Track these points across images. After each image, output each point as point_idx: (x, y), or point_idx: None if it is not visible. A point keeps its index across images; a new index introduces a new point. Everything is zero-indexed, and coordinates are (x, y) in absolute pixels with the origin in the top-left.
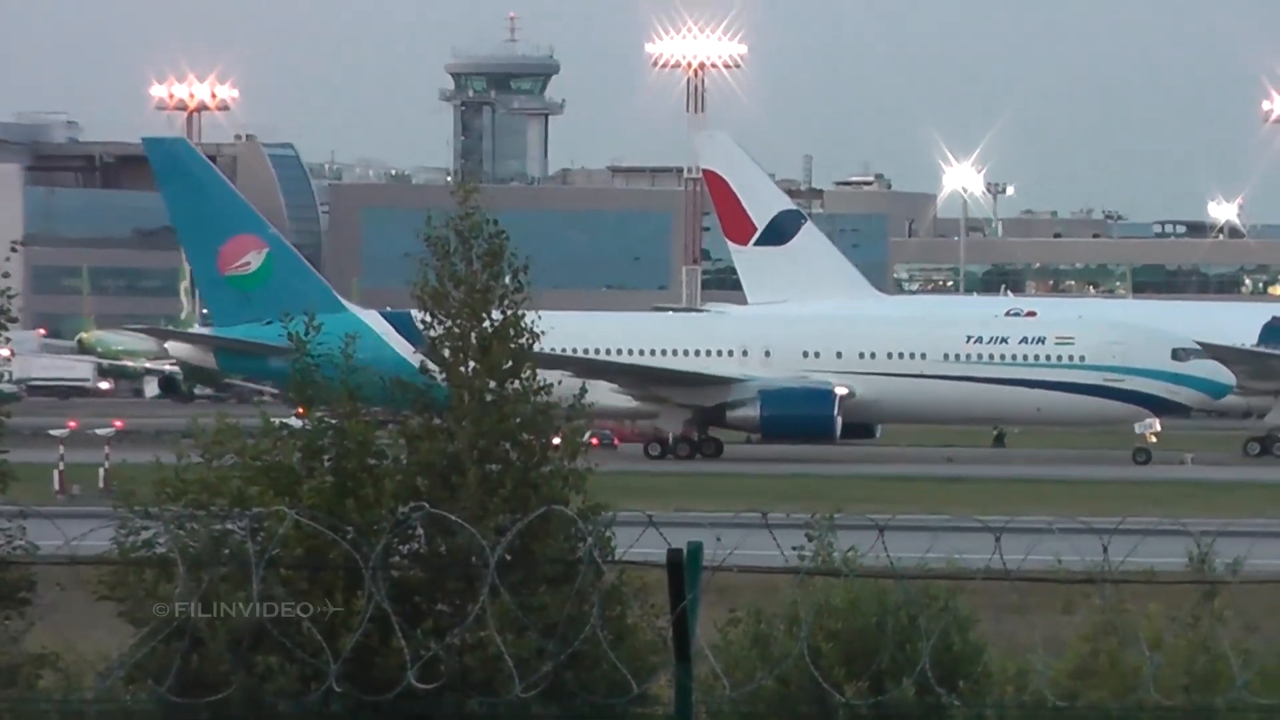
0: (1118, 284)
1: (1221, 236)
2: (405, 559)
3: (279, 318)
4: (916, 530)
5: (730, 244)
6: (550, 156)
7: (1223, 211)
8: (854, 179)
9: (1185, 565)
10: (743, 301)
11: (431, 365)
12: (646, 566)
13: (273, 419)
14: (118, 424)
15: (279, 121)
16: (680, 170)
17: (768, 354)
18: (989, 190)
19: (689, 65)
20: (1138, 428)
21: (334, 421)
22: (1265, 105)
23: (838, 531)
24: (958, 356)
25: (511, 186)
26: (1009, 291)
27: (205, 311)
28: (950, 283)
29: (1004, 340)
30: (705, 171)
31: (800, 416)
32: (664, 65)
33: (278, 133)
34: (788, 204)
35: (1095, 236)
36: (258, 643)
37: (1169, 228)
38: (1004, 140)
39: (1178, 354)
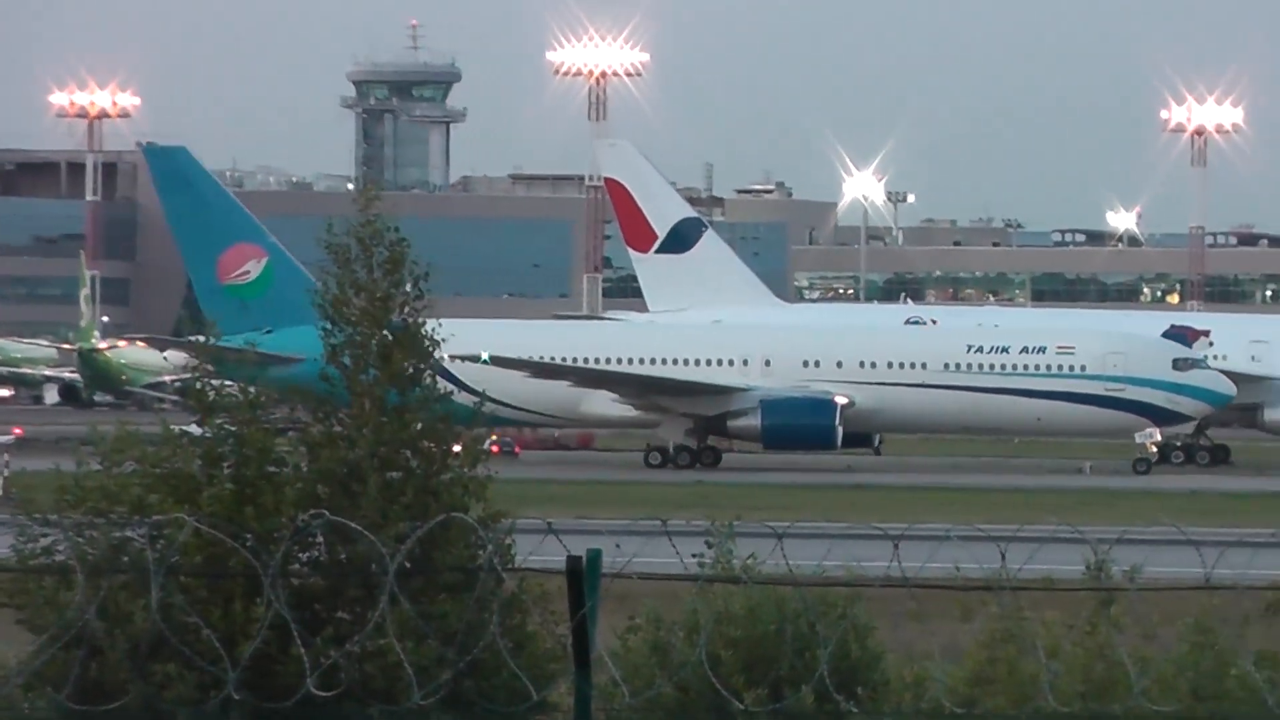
0: (1017, 292)
1: (1120, 245)
2: (305, 567)
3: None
4: (815, 538)
5: (631, 252)
6: (452, 164)
7: (1121, 220)
8: (755, 187)
9: (1083, 573)
10: (644, 309)
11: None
12: (547, 574)
13: (173, 426)
14: (17, 431)
15: (180, 129)
16: (582, 178)
17: (768, 363)
18: (889, 199)
19: (591, 73)
20: (1138, 437)
21: (234, 429)
22: (1163, 114)
23: (737, 539)
24: (958, 366)
25: (413, 194)
26: (909, 300)
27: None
28: (851, 291)
29: (1005, 350)
30: (606, 179)
31: (802, 426)
32: (566, 73)
33: (179, 140)
34: (689, 212)
35: (995, 245)
36: (157, 650)
37: (1068, 236)
38: (904, 149)
39: (1178, 364)
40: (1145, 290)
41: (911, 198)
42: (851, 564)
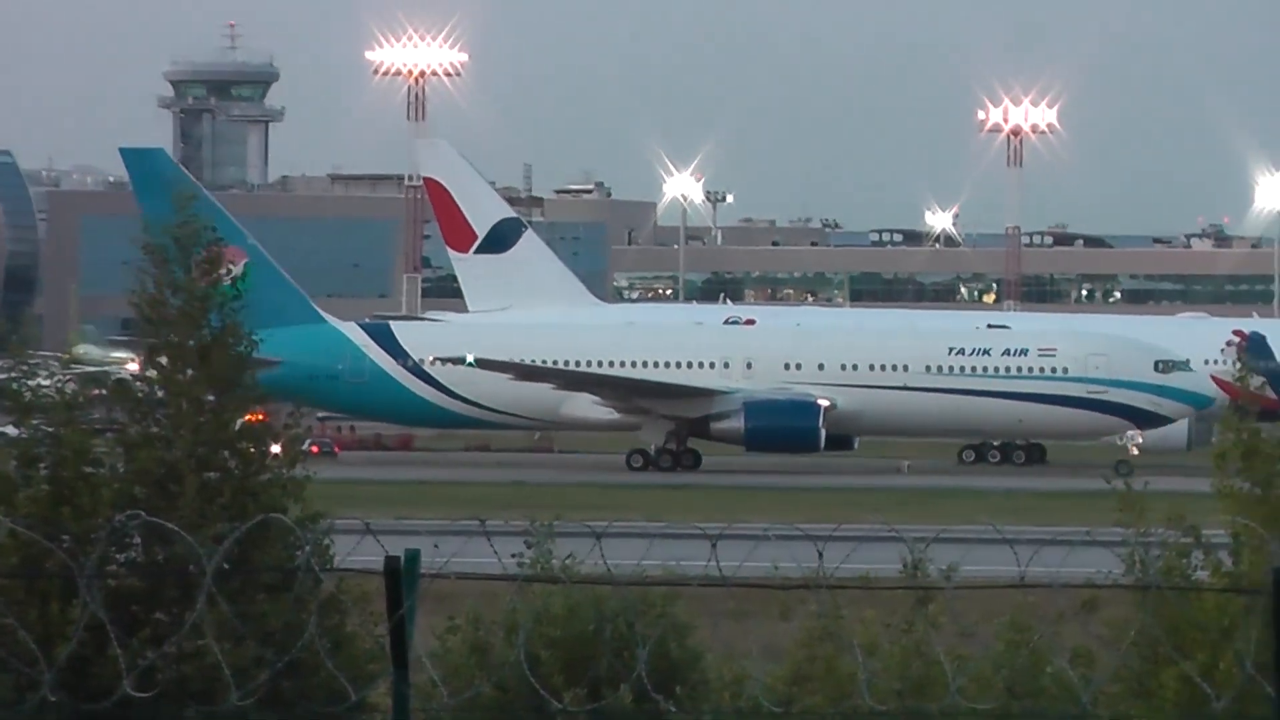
0: (835, 292)
1: (937, 245)
2: (122, 567)
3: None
4: (634, 537)
5: (451, 252)
6: (270, 164)
7: (939, 220)
8: (574, 187)
9: (900, 571)
10: (464, 309)
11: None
12: (366, 574)
13: None
14: None
15: None
16: (401, 178)
17: (749, 365)
18: (708, 199)
19: (410, 73)
20: (1120, 440)
21: (50, 430)
22: (980, 115)
23: (556, 539)
24: (940, 368)
25: (231, 193)
26: (728, 299)
27: None
28: (670, 291)
29: (986, 352)
30: (426, 179)
31: (785, 428)
32: (385, 73)
33: None
34: (508, 212)
35: (813, 245)
36: None
37: (886, 236)
38: (723, 149)
39: (1160, 366)
40: (962, 290)
41: (730, 198)
42: (670, 563)
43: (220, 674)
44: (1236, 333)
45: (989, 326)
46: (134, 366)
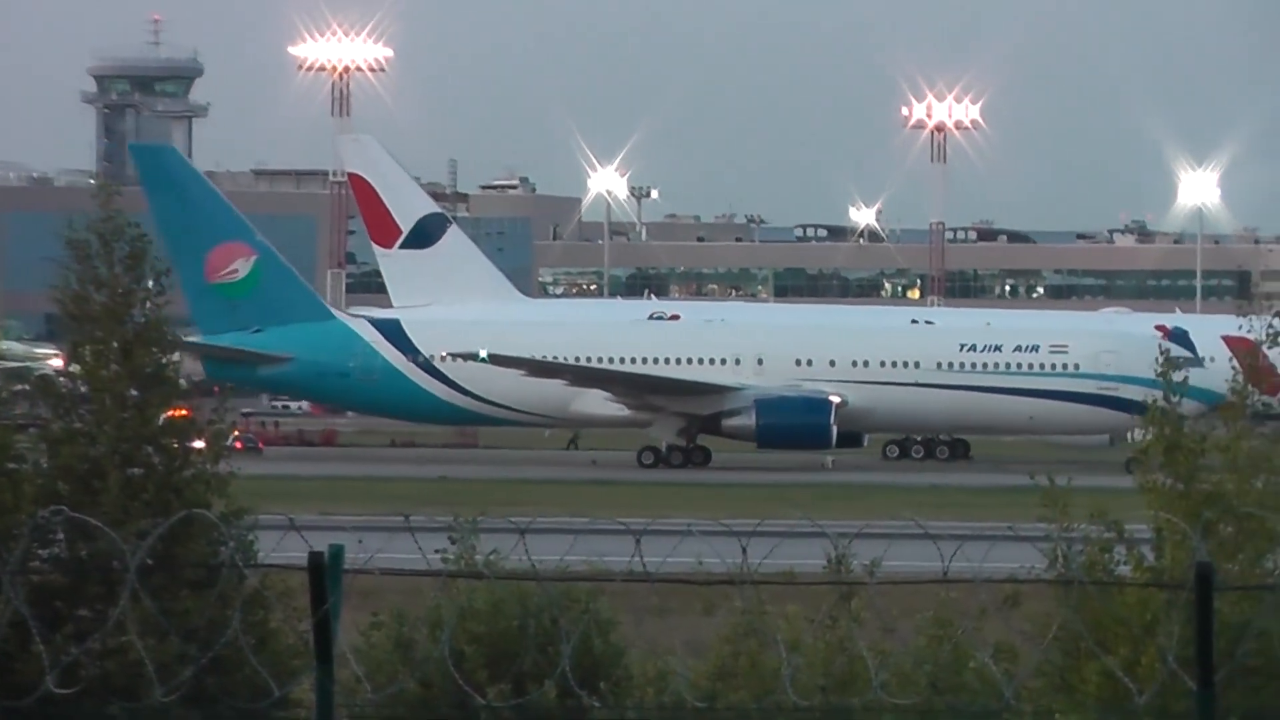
0: (760, 287)
1: (862, 241)
2: (45, 563)
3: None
4: (559, 533)
5: (375, 247)
6: (194, 159)
7: (863, 216)
8: (499, 182)
9: (824, 567)
10: (388, 305)
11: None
12: (289, 570)
13: None
14: None
15: None
16: (325, 174)
17: (760, 362)
18: (633, 194)
19: (334, 68)
20: (1132, 437)
21: None
22: (904, 110)
23: (481, 534)
24: (951, 365)
25: None
26: (652, 295)
27: None
28: (595, 286)
29: (998, 349)
30: (350, 175)
31: (797, 425)
32: (309, 68)
33: None
34: (433, 207)
35: (738, 240)
36: None
37: (810, 232)
38: (648, 145)
39: (1170, 363)
40: (886, 285)
41: (655, 193)
42: (594, 559)
43: (143, 670)
44: (1159, 328)
45: (913, 322)
46: (57, 363)
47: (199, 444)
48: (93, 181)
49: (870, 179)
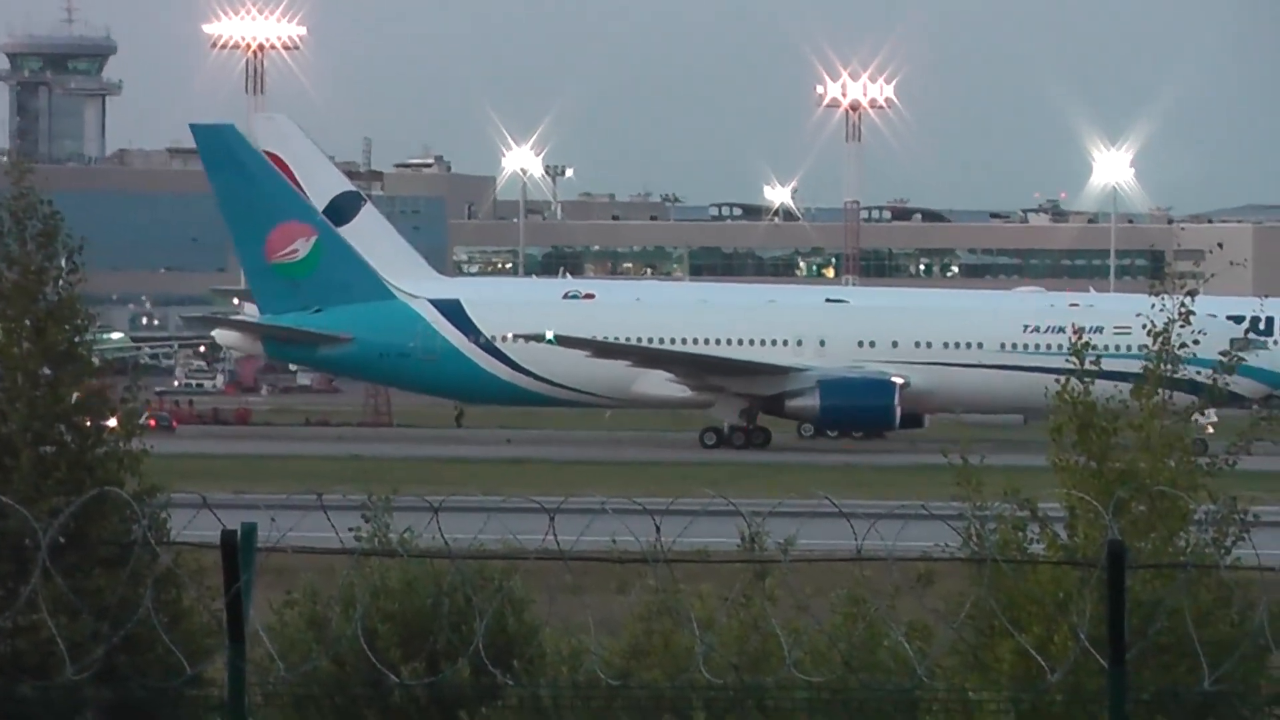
0: (675, 266)
1: (777, 220)
2: None
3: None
4: (472, 511)
5: None
6: (108, 138)
7: (778, 195)
8: (414, 161)
9: (738, 545)
10: None
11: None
12: (203, 549)
13: None
14: None
15: None
16: None
17: (822, 343)
18: (548, 173)
19: (248, 46)
20: (1196, 419)
21: None
22: (819, 90)
23: (394, 512)
24: (1015, 346)
25: (68, 167)
26: (568, 274)
27: None
28: (510, 265)
29: (1061, 330)
30: (265, 153)
31: (860, 407)
32: (223, 46)
33: None
34: (347, 186)
35: (653, 219)
36: None
37: (725, 211)
38: (563, 123)
39: (1235, 344)
40: (801, 264)
41: (570, 172)
42: (508, 537)
43: (55, 648)
44: (1074, 306)
45: (827, 301)
46: None
47: (112, 422)
48: (4, 159)
49: (785, 158)
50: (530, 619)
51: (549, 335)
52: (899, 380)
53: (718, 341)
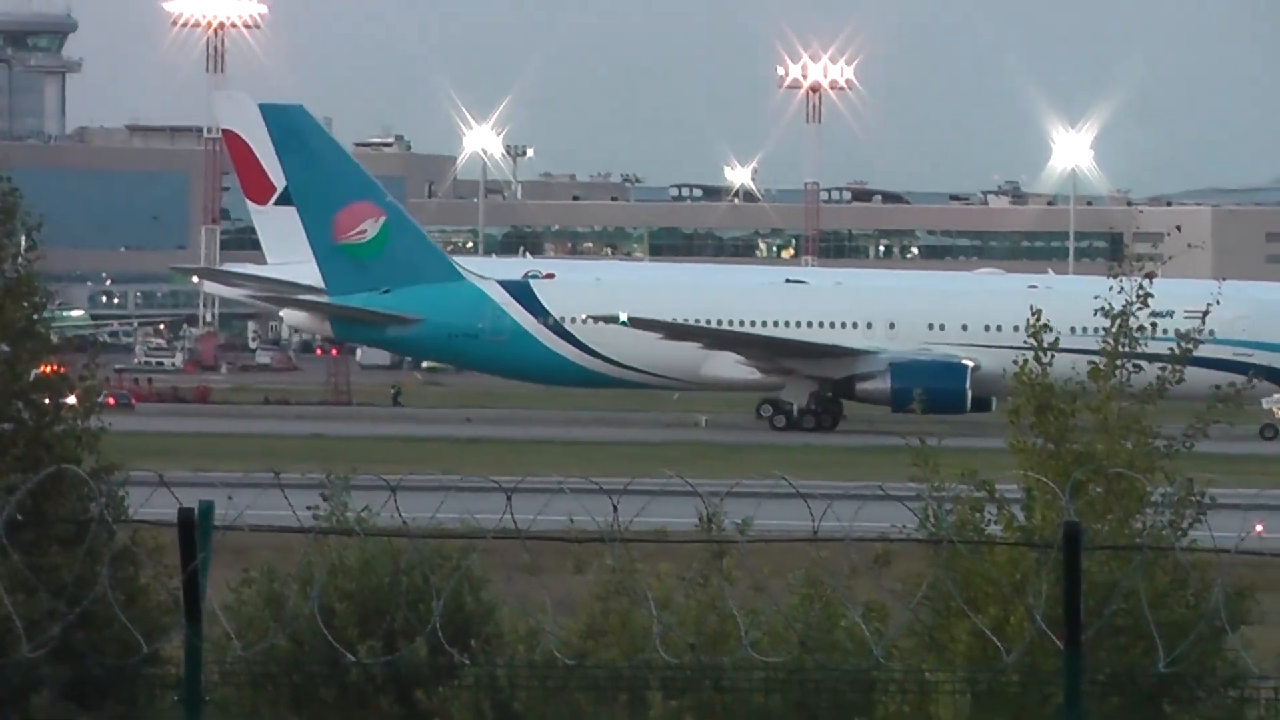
0: (635, 246)
1: (737, 200)
2: None
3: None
4: (430, 490)
5: (250, 204)
6: (68, 115)
7: (738, 176)
8: (374, 140)
9: (695, 525)
10: (262, 261)
11: None
12: (160, 526)
13: None
14: None
15: None
16: (200, 130)
17: (892, 326)
18: (508, 153)
19: (209, 24)
20: (1265, 403)
21: None
22: (779, 70)
23: (352, 491)
24: (1085, 329)
25: (27, 144)
26: (527, 253)
27: None
28: (470, 244)
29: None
30: (225, 131)
31: (932, 390)
32: (183, 24)
33: None
34: None
35: (613, 199)
36: None
37: (685, 191)
38: (523, 103)
39: None
40: (761, 245)
41: (530, 152)
42: (466, 516)
43: (12, 626)
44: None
45: (787, 281)
46: None
47: (71, 400)
48: None
49: (746, 139)
50: (487, 598)
51: (623, 317)
52: (970, 363)
53: (787, 324)
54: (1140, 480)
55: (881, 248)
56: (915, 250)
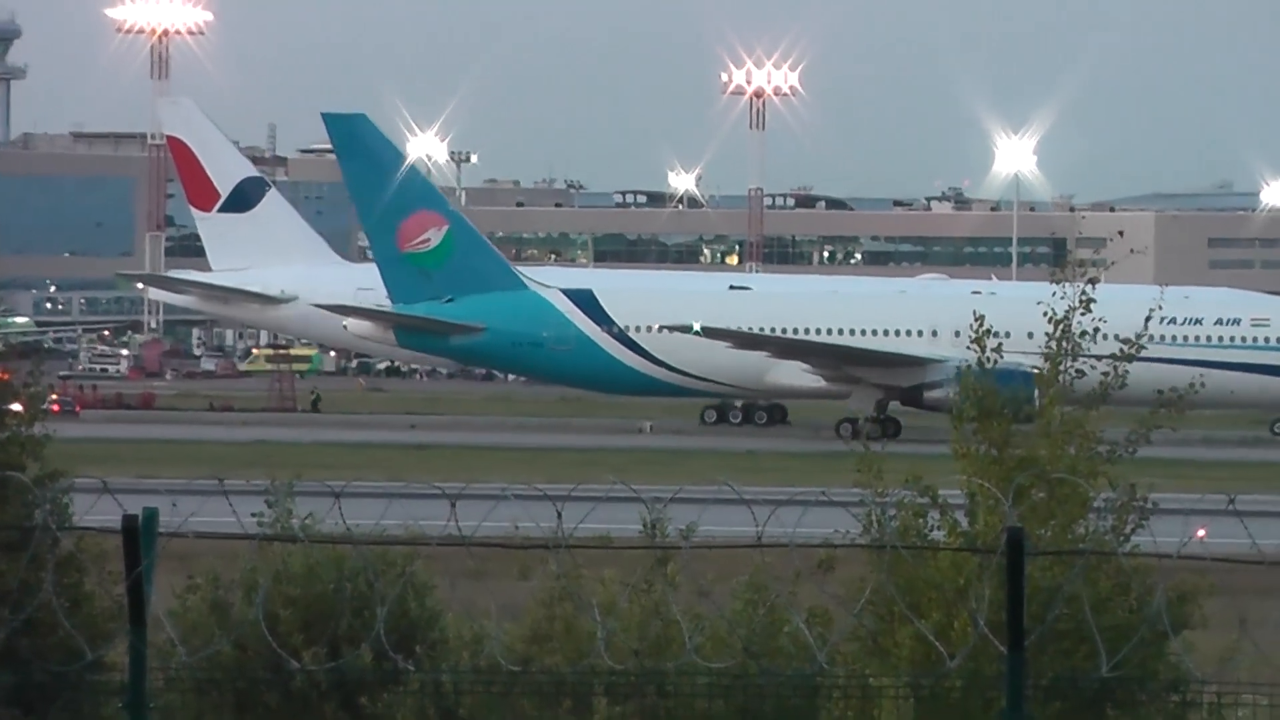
0: (579, 253)
1: (681, 206)
2: None
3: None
4: (374, 496)
5: (194, 211)
6: (12, 122)
7: (682, 182)
8: (318, 146)
9: (639, 531)
10: (207, 268)
11: None
12: (105, 533)
13: None
14: None
15: None
16: (144, 137)
17: (957, 334)
18: (453, 159)
19: (153, 31)
20: None
21: None
22: (723, 76)
23: (296, 498)
24: (1151, 338)
25: None
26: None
27: None
28: None
29: (1199, 321)
30: (169, 138)
31: (1001, 399)
32: (128, 31)
33: None
34: (251, 171)
35: (557, 206)
36: None
37: (629, 197)
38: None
39: None
40: (705, 251)
41: (475, 158)
42: (410, 522)
43: None
44: (976, 294)
45: (731, 288)
46: None
47: (15, 406)
48: None
49: (689, 145)
50: (432, 604)
51: (696, 326)
52: (1036, 371)
53: (852, 332)
54: (1083, 485)
55: (825, 254)
56: (859, 256)
